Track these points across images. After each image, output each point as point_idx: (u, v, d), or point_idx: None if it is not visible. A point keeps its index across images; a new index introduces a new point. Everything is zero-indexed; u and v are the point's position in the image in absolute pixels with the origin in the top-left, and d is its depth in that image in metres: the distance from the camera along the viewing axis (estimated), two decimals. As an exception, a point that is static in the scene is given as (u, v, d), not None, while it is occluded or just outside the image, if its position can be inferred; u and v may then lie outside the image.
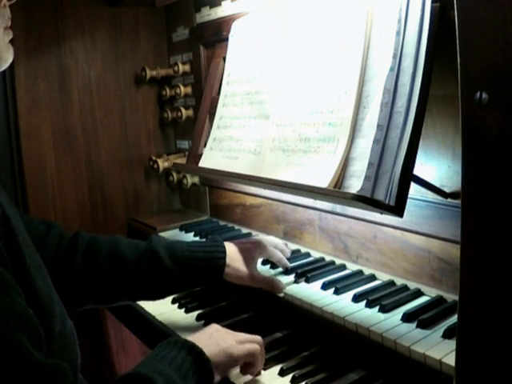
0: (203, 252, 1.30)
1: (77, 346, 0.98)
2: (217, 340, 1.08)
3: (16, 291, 0.80)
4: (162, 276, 1.27)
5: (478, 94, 0.72)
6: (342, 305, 1.19)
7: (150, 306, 1.49)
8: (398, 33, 1.04)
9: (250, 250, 1.35)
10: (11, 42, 0.98)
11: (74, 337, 0.98)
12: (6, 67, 0.98)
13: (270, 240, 1.44)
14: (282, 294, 1.30)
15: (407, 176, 1.00)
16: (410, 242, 1.24)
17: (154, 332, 1.42)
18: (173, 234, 1.85)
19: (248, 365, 1.11)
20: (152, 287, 1.29)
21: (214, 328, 1.13)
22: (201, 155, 1.52)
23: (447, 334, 1.01)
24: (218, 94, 1.54)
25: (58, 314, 0.92)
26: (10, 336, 0.74)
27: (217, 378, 1.05)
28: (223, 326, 1.32)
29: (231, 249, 1.33)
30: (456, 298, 0.82)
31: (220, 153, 1.44)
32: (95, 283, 1.26)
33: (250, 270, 1.32)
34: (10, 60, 0.98)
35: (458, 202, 1.10)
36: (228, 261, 1.30)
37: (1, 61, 0.96)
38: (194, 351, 1.02)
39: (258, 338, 1.14)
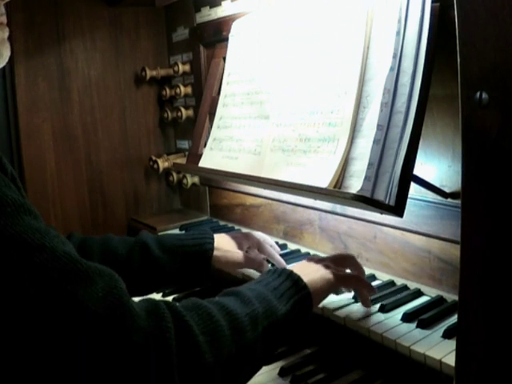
0: (191, 239, 1.33)
1: None
2: (317, 266, 1.09)
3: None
4: (153, 266, 1.28)
5: (478, 94, 0.72)
6: (342, 304, 1.19)
7: (150, 306, 1.48)
8: (398, 33, 1.04)
9: (238, 238, 1.39)
10: (9, 39, 0.94)
11: None
12: (5, 64, 0.96)
13: (259, 235, 1.47)
14: None
15: (407, 176, 1.00)
16: (410, 242, 1.24)
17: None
18: (173, 234, 1.85)
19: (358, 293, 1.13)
20: (144, 279, 1.29)
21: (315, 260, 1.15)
22: (201, 155, 1.52)
23: (447, 334, 1.01)
24: (218, 94, 1.54)
25: None
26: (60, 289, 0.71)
27: (316, 303, 1.05)
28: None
29: (219, 236, 1.38)
30: (456, 298, 0.82)
31: (220, 153, 1.44)
32: None
33: (238, 252, 1.35)
34: (6, 55, 0.94)
35: (458, 202, 1.10)
36: (216, 245, 1.33)
37: None
38: (292, 277, 1.01)
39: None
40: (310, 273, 1.06)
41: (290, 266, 1.11)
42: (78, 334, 0.71)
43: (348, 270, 1.20)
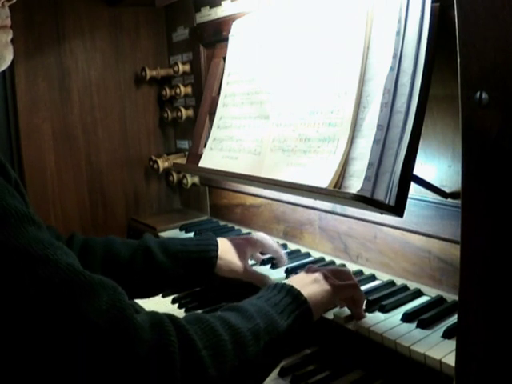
0: (195, 245, 1.33)
1: None
2: (315, 277, 1.10)
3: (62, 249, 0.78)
4: (156, 270, 1.28)
5: (478, 94, 0.72)
6: (342, 305, 1.19)
7: (149, 306, 1.48)
8: (398, 33, 1.04)
9: (242, 245, 1.38)
10: (11, 41, 0.97)
11: None
12: (6, 67, 0.97)
13: (260, 236, 1.46)
14: None
15: (407, 176, 1.00)
16: (410, 242, 1.24)
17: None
18: (173, 234, 1.84)
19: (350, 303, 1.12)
20: (146, 283, 1.29)
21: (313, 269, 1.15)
22: (201, 155, 1.52)
23: (447, 334, 1.01)
24: (218, 94, 1.54)
25: None
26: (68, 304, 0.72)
27: (316, 316, 1.06)
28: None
29: (223, 243, 1.37)
30: (456, 298, 0.82)
31: (220, 153, 1.44)
32: None
33: (242, 263, 1.35)
34: (9, 59, 0.96)
35: (458, 202, 1.10)
36: (220, 253, 1.33)
37: (0, 60, 0.94)
38: (292, 292, 1.02)
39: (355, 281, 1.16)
40: (309, 285, 1.07)
41: (289, 280, 1.10)
42: (81, 346, 0.71)
43: None
